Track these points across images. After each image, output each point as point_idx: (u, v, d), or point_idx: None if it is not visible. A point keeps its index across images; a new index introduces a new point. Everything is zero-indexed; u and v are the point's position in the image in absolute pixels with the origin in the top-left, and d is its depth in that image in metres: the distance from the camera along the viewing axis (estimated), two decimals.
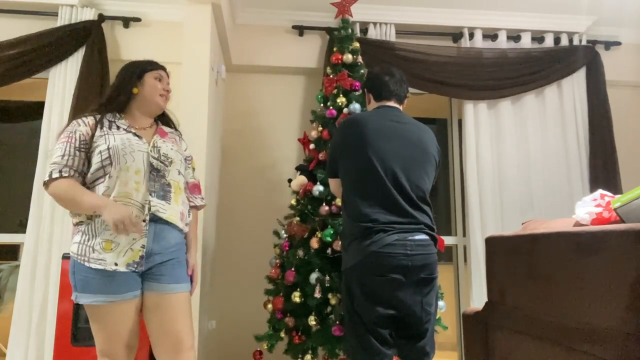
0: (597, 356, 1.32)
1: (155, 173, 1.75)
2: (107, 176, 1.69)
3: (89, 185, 1.71)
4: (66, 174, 1.67)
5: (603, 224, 1.47)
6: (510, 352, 1.79)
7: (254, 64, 3.60)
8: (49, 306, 2.90)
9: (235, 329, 3.27)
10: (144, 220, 1.69)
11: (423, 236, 1.81)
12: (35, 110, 3.50)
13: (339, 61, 2.99)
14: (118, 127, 1.77)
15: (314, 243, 2.53)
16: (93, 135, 1.73)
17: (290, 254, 2.61)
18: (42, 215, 3.01)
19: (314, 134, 2.89)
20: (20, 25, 3.25)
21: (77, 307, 2.55)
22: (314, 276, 2.44)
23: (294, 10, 3.57)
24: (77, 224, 1.71)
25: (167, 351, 1.71)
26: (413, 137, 1.93)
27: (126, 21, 3.36)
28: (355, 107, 2.81)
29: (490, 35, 3.65)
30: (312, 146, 2.88)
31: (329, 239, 2.48)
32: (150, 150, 1.76)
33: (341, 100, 2.84)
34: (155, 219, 1.72)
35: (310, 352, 2.45)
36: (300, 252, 2.59)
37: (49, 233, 2.98)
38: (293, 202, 2.82)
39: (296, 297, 2.48)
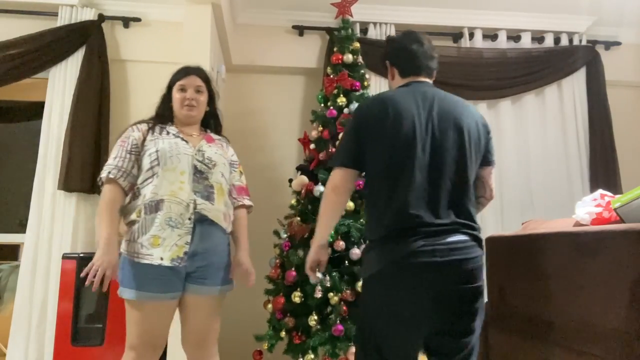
0: (597, 356, 1.32)
1: (199, 175, 1.87)
2: (155, 176, 1.82)
3: (140, 186, 1.83)
4: (113, 175, 1.79)
5: (603, 224, 1.47)
6: (510, 352, 1.79)
7: (254, 64, 3.60)
8: (49, 306, 2.90)
9: (235, 329, 3.26)
10: (189, 219, 1.80)
11: (460, 237, 1.45)
12: (35, 110, 3.51)
13: (340, 61, 2.99)
14: (168, 133, 1.92)
15: None
16: (144, 140, 1.88)
17: (290, 254, 2.61)
18: (42, 215, 3.01)
19: (314, 134, 2.89)
20: (20, 25, 3.25)
21: (77, 307, 2.56)
22: None
23: (294, 10, 3.57)
24: (129, 224, 1.81)
25: (192, 346, 1.86)
26: (456, 117, 1.57)
27: (126, 21, 3.36)
28: (356, 106, 2.81)
29: (490, 35, 3.65)
30: (312, 146, 2.88)
31: (329, 239, 2.48)
32: (195, 154, 1.89)
33: (341, 100, 2.85)
34: (201, 220, 1.82)
35: (310, 352, 2.45)
36: (301, 252, 2.59)
37: (49, 233, 2.98)
38: (293, 202, 2.83)
39: (296, 297, 2.48)
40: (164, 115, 1.98)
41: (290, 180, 2.92)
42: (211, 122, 2.09)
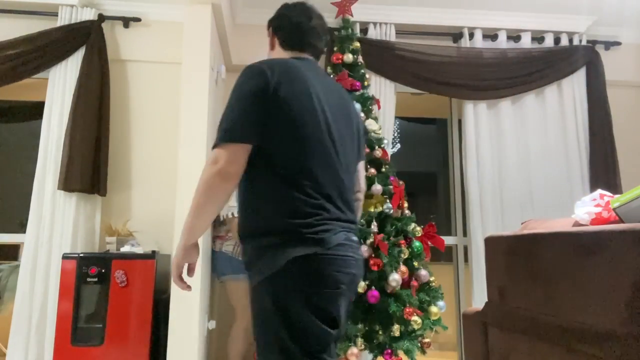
0: (597, 356, 1.32)
1: None
2: None
3: None
4: None
5: (602, 224, 1.47)
6: (510, 352, 1.79)
7: None
8: (49, 306, 2.90)
9: None
10: None
11: (355, 237, 1.41)
12: (35, 110, 3.51)
13: (340, 61, 3.00)
14: None
15: None
16: None
17: None
18: (42, 215, 3.01)
19: None
20: (20, 25, 3.25)
21: (77, 307, 2.56)
22: None
23: None
24: None
25: None
26: (347, 105, 1.49)
27: (126, 21, 3.36)
28: (356, 106, 2.81)
29: (490, 35, 3.65)
30: None
31: None
32: None
33: None
34: None
35: None
36: None
37: (49, 233, 2.98)
38: None
39: None
40: None
41: None
42: None
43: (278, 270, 1.25)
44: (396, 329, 2.41)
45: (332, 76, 3.01)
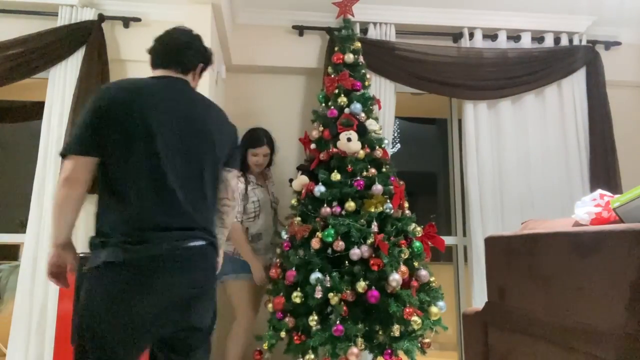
0: (597, 356, 1.32)
1: (274, 211, 2.97)
2: (257, 217, 2.82)
3: (245, 221, 2.80)
4: (241, 218, 2.78)
5: (602, 224, 1.48)
6: (510, 352, 1.79)
7: (254, 64, 3.60)
8: (49, 306, 2.90)
9: None
10: (271, 243, 2.93)
11: (197, 243, 1.52)
12: (35, 110, 3.51)
13: (341, 61, 3.00)
14: (252, 182, 2.85)
15: (315, 243, 2.53)
16: (246, 190, 2.81)
17: (290, 254, 2.61)
18: (42, 215, 3.01)
19: (315, 133, 2.89)
20: (20, 25, 3.25)
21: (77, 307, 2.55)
22: (314, 276, 2.44)
23: (294, 10, 3.58)
24: None
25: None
26: (205, 120, 1.61)
27: (126, 21, 3.36)
28: (357, 106, 2.82)
29: (490, 35, 3.65)
30: (313, 146, 2.88)
31: (329, 239, 2.49)
32: (272, 200, 2.95)
33: (342, 100, 2.85)
34: None
35: (310, 352, 2.45)
36: (301, 252, 2.59)
37: (49, 233, 2.98)
38: (294, 202, 2.83)
39: (296, 297, 2.48)
40: (247, 169, 2.88)
41: (291, 180, 2.92)
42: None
43: (93, 267, 1.43)
44: (396, 329, 2.41)
45: (333, 76, 3.01)
